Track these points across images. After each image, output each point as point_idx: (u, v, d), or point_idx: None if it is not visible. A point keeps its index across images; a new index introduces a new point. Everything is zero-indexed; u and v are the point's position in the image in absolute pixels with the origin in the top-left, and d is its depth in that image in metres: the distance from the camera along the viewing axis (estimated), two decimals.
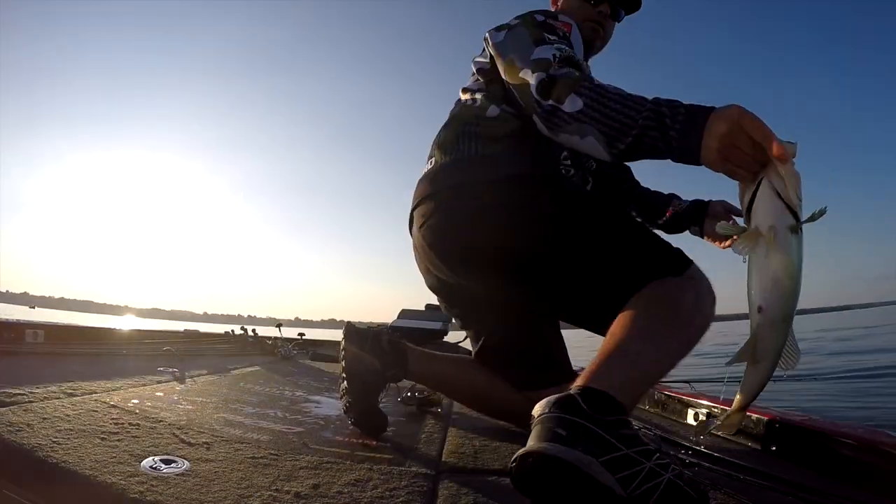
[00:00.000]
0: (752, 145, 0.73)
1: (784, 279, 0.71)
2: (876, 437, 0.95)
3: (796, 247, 0.71)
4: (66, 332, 2.38)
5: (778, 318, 0.72)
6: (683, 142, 0.79)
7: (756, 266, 0.74)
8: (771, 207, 0.72)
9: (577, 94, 0.90)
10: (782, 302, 0.72)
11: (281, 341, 2.95)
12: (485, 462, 0.97)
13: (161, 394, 1.36)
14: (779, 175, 0.72)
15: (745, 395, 0.81)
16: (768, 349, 0.74)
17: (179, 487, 0.67)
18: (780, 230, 0.71)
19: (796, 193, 0.71)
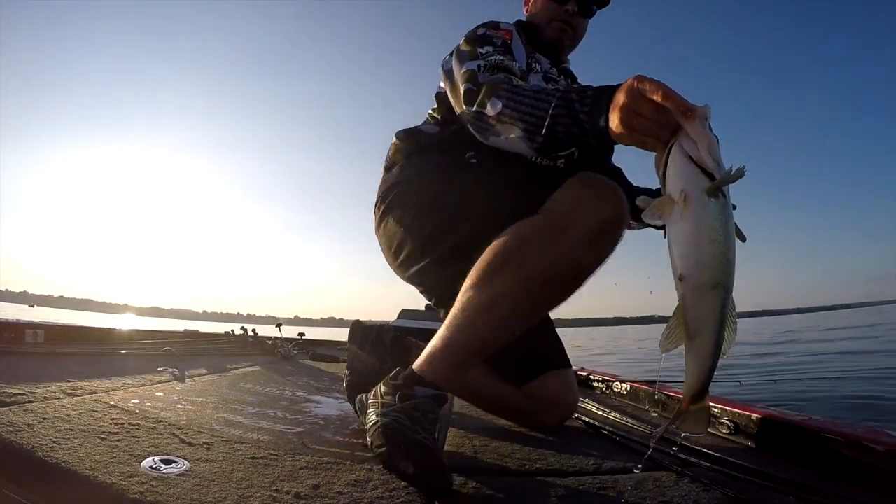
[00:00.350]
0: (655, 110, 0.71)
1: (705, 244, 0.65)
2: (875, 436, 0.95)
3: (716, 210, 0.66)
4: (66, 332, 2.38)
5: (705, 286, 0.66)
6: (593, 122, 0.80)
7: (672, 233, 0.69)
8: (681, 170, 0.68)
9: (497, 97, 0.93)
10: (706, 268, 0.66)
11: (281, 341, 2.95)
12: (485, 462, 0.97)
13: (161, 394, 1.36)
14: (690, 138, 0.68)
15: (691, 380, 0.69)
16: (701, 321, 0.66)
17: (179, 488, 0.67)
18: (693, 193, 0.66)
19: (711, 155, 0.66)
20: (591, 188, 0.90)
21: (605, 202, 0.88)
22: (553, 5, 1.32)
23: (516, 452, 1.03)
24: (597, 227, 0.87)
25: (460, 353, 0.89)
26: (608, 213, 0.88)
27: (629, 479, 0.88)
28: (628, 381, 1.90)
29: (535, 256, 0.86)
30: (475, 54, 1.12)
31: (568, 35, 1.35)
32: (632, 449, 1.10)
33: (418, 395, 0.85)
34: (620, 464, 0.98)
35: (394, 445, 0.78)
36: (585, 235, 0.86)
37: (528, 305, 0.89)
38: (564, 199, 0.91)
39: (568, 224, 0.87)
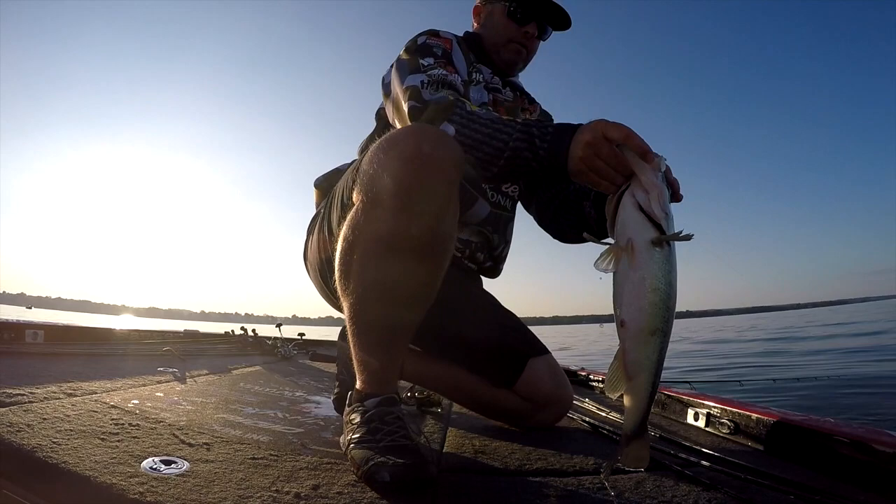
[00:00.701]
0: (614, 155, 0.76)
1: (647, 293, 0.68)
2: (876, 436, 0.95)
3: (661, 260, 0.68)
4: (65, 333, 2.38)
5: (644, 332, 0.68)
6: (552, 156, 0.82)
7: (617, 280, 0.71)
8: (630, 220, 0.70)
9: (449, 121, 0.91)
10: (646, 315, 0.68)
11: (281, 341, 2.95)
12: (485, 462, 0.97)
13: (161, 394, 1.36)
14: (642, 187, 0.71)
15: (629, 419, 0.72)
16: (641, 364, 0.69)
17: (179, 488, 0.67)
18: (639, 243, 0.69)
19: (661, 206, 0.69)
20: (385, 150, 0.82)
21: (398, 159, 0.79)
22: (513, 26, 1.29)
23: (516, 452, 1.03)
24: (396, 191, 0.78)
25: (371, 360, 0.89)
26: (405, 168, 0.78)
27: (629, 479, 0.88)
28: None
29: (358, 252, 0.82)
30: (417, 66, 1.10)
31: (523, 56, 1.34)
32: None
33: (370, 406, 0.87)
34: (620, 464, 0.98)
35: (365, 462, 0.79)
36: (392, 209, 0.79)
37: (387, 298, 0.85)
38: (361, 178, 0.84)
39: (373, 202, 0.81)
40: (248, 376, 1.97)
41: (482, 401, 1.30)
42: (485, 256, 1.35)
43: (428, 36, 1.21)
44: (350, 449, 0.84)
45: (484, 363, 1.24)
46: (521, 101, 1.41)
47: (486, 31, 1.34)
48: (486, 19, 1.34)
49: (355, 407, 0.90)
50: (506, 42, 1.30)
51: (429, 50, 1.16)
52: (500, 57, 1.32)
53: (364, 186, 0.82)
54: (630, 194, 0.72)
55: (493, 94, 1.31)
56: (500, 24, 1.30)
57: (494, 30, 1.32)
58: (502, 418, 1.32)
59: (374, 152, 0.83)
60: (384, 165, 0.80)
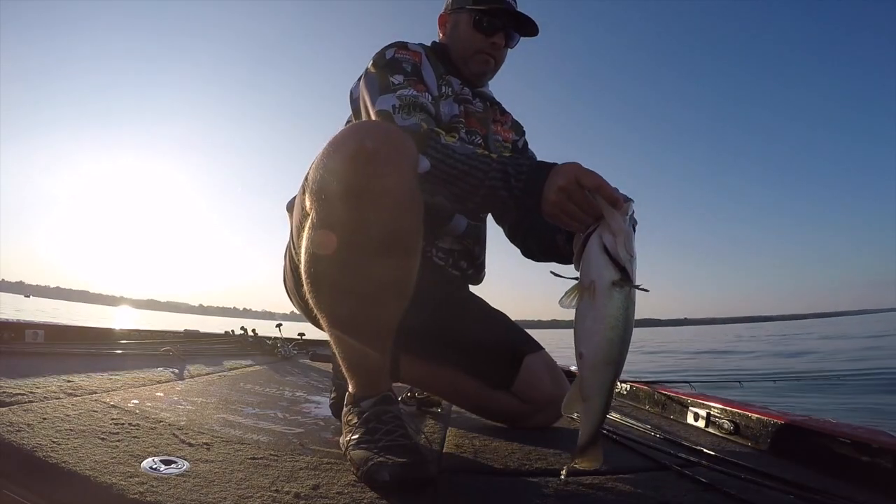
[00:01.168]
0: (585, 199, 0.80)
1: (605, 330, 0.73)
2: (876, 437, 0.95)
3: (620, 301, 0.73)
4: (66, 332, 2.38)
5: (600, 364, 0.75)
6: (526, 195, 0.86)
7: (578, 316, 0.77)
8: (594, 262, 0.75)
9: (424, 154, 0.89)
10: (602, 350, 0.74)
11: (281, 341, 2.95)
12: (485, 462, 0.97)
13: (161, 394, 1.36)
14: (609, 230, 0.76)
15: (583, 432, 0.80)
16: (594, 388, 0.76)
17: (179, 488, 0.67)
18: (601, 285, 0.74)
19: (626, 249, 0.74)
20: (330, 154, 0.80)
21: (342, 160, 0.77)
22: (479, 37, 1.26)
23: (516, 452, 1.03)
24: (346, 192, 0.77)
25: (357, 364, 0.90)
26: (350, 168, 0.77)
27: (629, 479, 0.88)
28: (628, 382, 1.90)
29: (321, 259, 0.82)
30: (386, 84, 1.09)
31: (491, 66, 1.31)
32: (632, 449, 1.10)
33: (366, 407, 0.88)
34: (620, 464, 0.98)
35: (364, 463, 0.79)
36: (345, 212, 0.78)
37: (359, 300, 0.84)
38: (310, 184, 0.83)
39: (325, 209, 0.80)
40: (248, 376, 1.97)
41: (481, 403, 1.30)
42: (468, 264, 1.35)
43: (397, 49, 1.18)
44: (349, 450, 0.84)
45: (480, 363, 1.24)
46: (492, 111, 1.39)
47: (452, 41, 1.31)
48: (452, 30, 1.31)
49: (351, 408, 0.90)
50: (473, 53, 1.28)
51: (398, 65, 1.14)
52: (468, 68, 1.30)
53: (314, 195, 0.81)
54: (598, 236, 0.76)
55: (463, 106, 1.29)
56: (466, 35, 1.27)
57: (461, 41, 1.29)
58: (502, 419, 1.32)
59: (320, 158, 0.82)
60: (329, 169, 0.78)
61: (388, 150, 0.78)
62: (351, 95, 1.24)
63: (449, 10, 1.33)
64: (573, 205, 0.81)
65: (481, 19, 1.25)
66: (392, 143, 0.79)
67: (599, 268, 0.74)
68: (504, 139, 1.40)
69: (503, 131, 1.41)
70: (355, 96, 1.21)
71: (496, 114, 1.41)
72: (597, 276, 0.74)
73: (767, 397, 3.89)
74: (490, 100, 1.39)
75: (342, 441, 0.90)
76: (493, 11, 1.25)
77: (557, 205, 0.82)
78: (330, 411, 1.31)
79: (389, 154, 0.78)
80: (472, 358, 1.23)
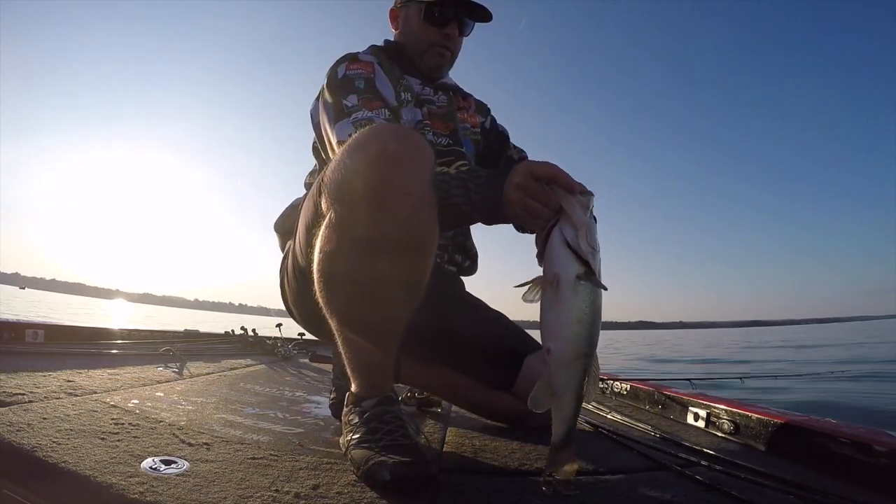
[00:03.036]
0: (544, 194, 0.78)
1: (572, 324, 0.72)
2: (876, 436, 0.95)
3: (585, 294, 0.72)
4: (66, 332, 2.38)
5: (569, 358, 0.73)
6: (485, 200, 0.85)
7: (542, 311, 0.75)
8: (557, 255, 0.73)
9: None
10: (570, 345, 0.72)
11: (281, 341, 2.95)
12: (485, 462, 0.97)
13: (161, 394, 1.36)
14: (570, 223, 0.74)
15: (557, 430, 0.76)
16: (563, 385, 0.74)
17: (179, 488, 0.67)
18: (565, 278, 0.72)
19: (587, 241, 0.73)
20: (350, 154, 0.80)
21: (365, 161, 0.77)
22: (432, 30, 1.23)
23: (516, 452, 1.03)
24: (368, 193, 0.77)
25: (363, 364, 0.90)
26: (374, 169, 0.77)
27: (629, 479, 0.88)
28: (628, 382, 1.90)
29: (338, 259, 0.82)
30: (340, 108, 1.07)
31: (447, 59, 1.29)
32: (632, 449, 1.10)
33: (367, 408, 0.88)
34: (620, 464, 0.98)
35: (365, 462, 0.79)
36: (366, 212, 0.78)
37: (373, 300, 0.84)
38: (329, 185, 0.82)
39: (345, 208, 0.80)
40: (248, 376, 1.97)
41: (482, 403, 1.30)
42: (462, 257, 1.35)
43: (347, 64, 1.15)
44: (350, 449, 0.84)
45: (481, 363, 1.23)
46: (456, 100, 1.37)
47: (404, 37, 1.29)
48: (404, 25, 1.28)
49: (352, 408, 0.90)
50: (427, 47, 1.25)
51: (350, 84, 1.10)
52: (424, 62, 1.28)
53: (333, 194, 0.81)
54: (559, 230, 0.75)
55: (426, 108, 1.27)
56: (417, 29, 1.25)
57: (413, 36, 1.26)
58: (503, 419, 1.32)
59: (339, 159, 0.82)
60: (351, 169, 0.78)
61: (410, 151, 0.79)
62: (312, 119, 1.21)
63: (399, 4, 1.30)
64: (533, 201, 0.79)
65: (432, 11, 1.22)
66: (412, 144, 0.80)
67: (562, 261, 0.73)
68: (472, 125, 1.38)
69: (469, 117, 1.39)
70: (315, 121, 1.19)
71: (459, 101, 1.39)
72: (560, 269, 0.73)
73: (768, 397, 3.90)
74: (452, 88, 1.37)
75: (343, 440, 0.90)
76: (442, 2, 1.22)
77: (518, 203, 0.81)
78: (330, 411, 1.31)
79: (411, 155, 0.79)
80: (472, 358, 1.23)
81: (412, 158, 0.79)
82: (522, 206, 0.80)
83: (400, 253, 0.80)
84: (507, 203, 0.83)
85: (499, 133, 1.44)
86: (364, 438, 0.83)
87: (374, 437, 0.83)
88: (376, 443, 0.81)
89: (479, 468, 0.93)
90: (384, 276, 0.81)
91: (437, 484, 0.79)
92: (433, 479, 0.78)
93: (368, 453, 0.79)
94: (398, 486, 0.73)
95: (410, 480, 0.74)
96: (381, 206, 0.77)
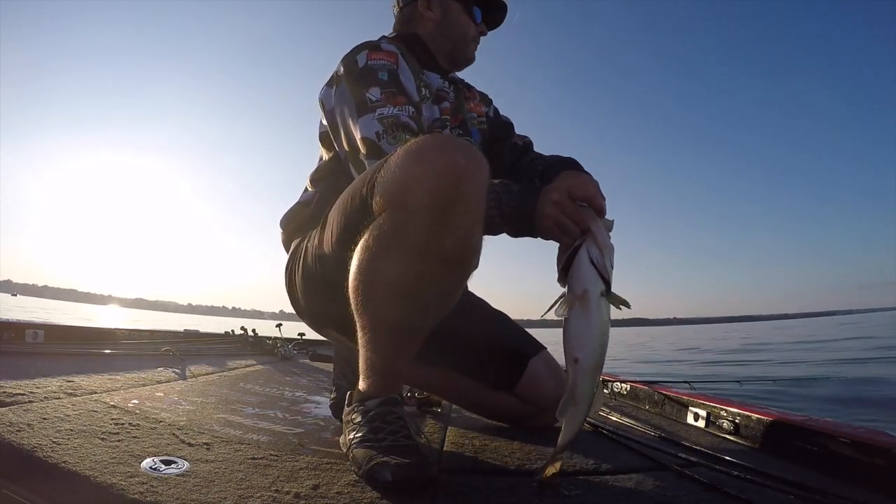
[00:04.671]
0: (577, 213, 0.85)
1: (596, 336, 0.80)
2: (876, 437, 0.95)
3: (605, 309, 0.80)
4: (66, 332, 2.38)
5: (591, 368, 0.80)
6: (518, 213, 0.90)
7: (572, 324, 0.81)
8: (586, 274, 0.80)
9: None
10: (594, 355, 0.80)
11: (281, 341, 2.95)
12: (485, 462, 0.97)
13: (161, 394, 1.36)
14: (596, 244, 0.81)
15: (568, 434, 0.82)
16: (584, 394, 0.80)
17: (179, 488, 0.67)
18: (592, 294, 0.79)
19: (610, 263, 0.81)
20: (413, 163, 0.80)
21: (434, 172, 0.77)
22: (472, 25, 1.26)
23: (516, 452, 1.03)
24: (432, 203, 0.77)
25: (381, 363, 0.89)
26: (441, 180, 0.77)
27: (629, 479, 0.88)
28: (628, 382, 1.90)
29: (386, 262, 0.82)
30: (363, 101, 1.03)
31: (473, 56, 1.31)
32: (632, 449, 1.10)
33: (370, 407, 0.88)
34: (620, 464, 0.98)
35: (367, 462, 0.79)
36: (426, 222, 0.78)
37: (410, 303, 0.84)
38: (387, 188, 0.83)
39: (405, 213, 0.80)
40: (248, 376, 1.98)
41: (483, 404, 1.30)
42: None
43: (369, 53, 1.10)
44: (352, 448, 0.84)
45: (482, 363, 1.23)
46: (462, 91, 1.37)
47: (443, 28, 1.27)
48: (443, 18, 1.27)
49: (356, 407, 0.90)
50: (468, 42, 1.27)
51: (373, 76, 1.07)
52: (460, 55, 1.28)
53: (392, 197, 0.81)
54: (585, 250, 0.81)
55: (445, 103, 1.27)
56: (463, 23, 1.26)
57: (454, 28, 1.26)
58: (504, 420, 1.32)
59: (402, 164, 0.81)
60: (415, 177, 0.79)
61: (475, 167, 0.80)
62: (323, 105, 1.17)
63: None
64: (566, 218, 0.85)
65: (472, 8, 1.26)
66: (477, 160, 0.81)
67: (591, 279, 0.80)
68: (478, 115, 1.38)
69: (475, 107, 1.39)
70: (329, 107, 1.14)
71: (466, 92, 1.39)
72: (590, 286, 0.80)
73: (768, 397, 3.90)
74: (458, 81, 1.37)
75: (344, 440, 0.90)
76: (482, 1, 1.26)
77: (552, 218, 0.86)
78: (328, 411, 1.31)
79: (475, 171, 0.80)
80: (473, 358, 1.23)
81: (476, 174, 0.80)
82: (556, 222, 0.86)
83: (449, 265, 0.83)
84: (540, 217, 0.88)
85: (503, 122, 1.44)
86: (366, 438, 0.83)
87: (377, 436, 0.83)
88: (378, 442, 0.81)
89: (479, 468, 0.93)
90: (430, 286, 0.83)
91: (437, 484, 0.79)
92: (434, 481, 0.78)
93: (370, 453, 0.79)
94: (399, 487, 0.73)
95: (411, 481, 0.74)
96: (443, 219, 0.78)
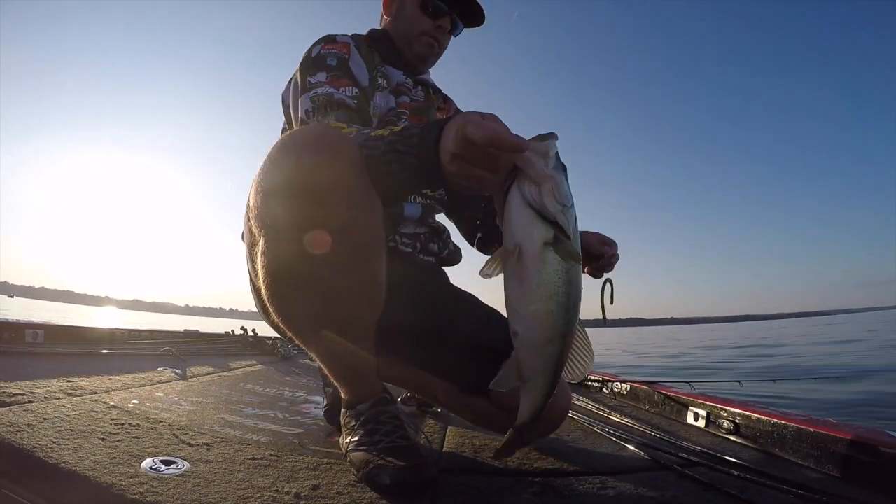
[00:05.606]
0: (485, 155, 0.62)
1: (542, 300, 0.60)
2: (876, 437, 0.95)
3: (556, 264, 0.59)
4: (66, 332, 2.38)
5: (540, 341, 0.62)
6: (421, 165, 0.71)
7: (506, 288, 0.63)
8: (516, 219, 0.60)
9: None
10: (541, 326, 0.61)
11: (281, 341, 2.95)
12: (485, 462, 0.97)
13: (161, 394, 1.36)
14: (529, 179, 0.60)
15: (522, 413, 0.70)
16: (535, 370, 0.64)
17: (179, 488, 0.67)
18: (528, 247, 0.59)
19: (554, 198, 0.59)
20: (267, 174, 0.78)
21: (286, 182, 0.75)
22: (425, 20, 1.25)
23: (516, 452, 1.03)
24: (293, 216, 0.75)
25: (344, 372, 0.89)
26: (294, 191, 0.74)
27: (629, 479, 0.88)
28: (628, 382, 1.90)
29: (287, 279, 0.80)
30: (305, 87, 1.07)
31: (434, 51, 1.29)
32: (632, 449, 1.10)
33: (362, 411, 0.87)
34: (620, 464, 0.98)
35: (365, 466, 0.79)
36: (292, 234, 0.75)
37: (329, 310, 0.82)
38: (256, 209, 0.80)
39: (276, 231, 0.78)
40: (248, 376, 1.98)
41: (456, 407, 1.18)
42: (439, 245, 1.29)
43: (324, 44, 1.15)
44: (350, 452, 0.84)
45: (455, 364, 1.11)
46: (434, 99, 1.36)
47: (397, 23, 1.28)
48: (398, 11, 1.28)
49: (348, 412, 0.90)
50: (418, 35, 1.26)
51: (322, 63, 1.10)
52: (412, 50, 1.28)
53: (260, 221, 0.79)
54: (517, 189, 0.61)
55: (403, 97, 1.26)
56: (412, 17, 1.26)
57: (406, 22, 1.26)
58: (490, 426, 1.16)
59: (258, 180, 0.78)
60: (271, 192, 0.76)
61: (326, 157, 0.75)
62: (283, 101, 1.20)
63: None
64: (476, 168, 0.64)
65: (428, 2, 1.24)
66: (328, 150, 0.76)
67: (524, 227, 0.60)
68: None
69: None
70: (286, 103, 1.18)
71: (439, 101, 1.38)
72: (522, 237, 0.60)
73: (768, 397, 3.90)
74: (432, 87, 1.36)
75: (342, 443, 0.90)
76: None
77: (459, 175, 0.66)
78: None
79: (329, 162, 0.74)
80: (446, 359, 1.12)
81: (334, 165, 0.75)
82: (465, 177, 0.66)
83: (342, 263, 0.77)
84: (447, 174, 0.68)
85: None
86: (363, 441, 0.83)
87: (373, 438, 0.82)
88: (375, 445, 0.81)
89: (479, 468, 0.94)
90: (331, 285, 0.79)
91: (436, 484, 0.79)
92: (433, 482, 0.78)
93: (368, 456, 0.79)
94: (398, 491, 0.73)
95: (410, 484, 0.74)
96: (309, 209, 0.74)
